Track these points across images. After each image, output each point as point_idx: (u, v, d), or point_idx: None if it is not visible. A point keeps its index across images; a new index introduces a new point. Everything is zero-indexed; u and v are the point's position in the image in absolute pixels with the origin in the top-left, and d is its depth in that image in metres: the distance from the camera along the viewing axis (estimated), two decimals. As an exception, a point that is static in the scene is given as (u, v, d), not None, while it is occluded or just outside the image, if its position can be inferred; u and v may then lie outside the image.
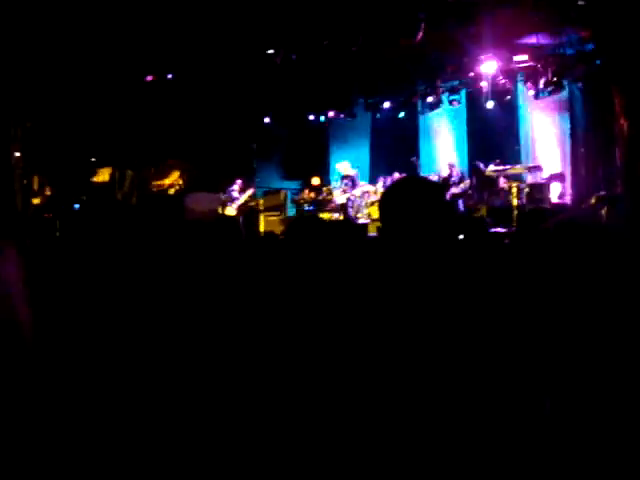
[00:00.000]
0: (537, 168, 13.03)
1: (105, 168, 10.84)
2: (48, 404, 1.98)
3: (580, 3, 9.13)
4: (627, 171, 8.82)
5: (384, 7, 10.25)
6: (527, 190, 12.25)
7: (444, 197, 2.20)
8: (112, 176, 10.69)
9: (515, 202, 12.03)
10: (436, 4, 10.24)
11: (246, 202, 12.63)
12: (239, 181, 13.12)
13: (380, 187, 12.87)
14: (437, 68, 12.81)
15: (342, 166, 13.59)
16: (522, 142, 13.72)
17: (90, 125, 10.76)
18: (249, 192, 12.79)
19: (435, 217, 2.03)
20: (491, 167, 12.76)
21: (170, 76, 11.12)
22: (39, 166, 10.06)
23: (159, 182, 12.13)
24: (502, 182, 12.67)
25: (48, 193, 10.05)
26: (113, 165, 10.88)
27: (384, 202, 2.11)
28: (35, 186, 9.98)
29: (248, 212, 12.45)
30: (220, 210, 12.51)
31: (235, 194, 12.86)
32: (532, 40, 11.49)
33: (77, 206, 9.11)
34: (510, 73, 12.56)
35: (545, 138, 13.49)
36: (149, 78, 10.88)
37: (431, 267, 1.99)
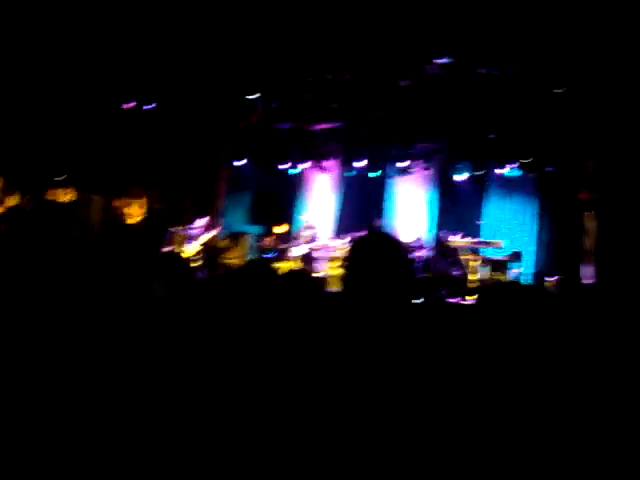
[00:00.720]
0: (497, 244, 13.27)
1: (69, 189, 10.62)
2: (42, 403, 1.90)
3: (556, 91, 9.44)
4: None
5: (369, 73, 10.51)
6: (487, 265, 12.45)
7: (406, 255, 2.32)
8: (76, 198, 10.47)
9: (473, 276, 12.20)
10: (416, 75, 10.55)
11: (208, 243, 12.49)
12: (204, 219, 12.99)
13: (341, 244, 12.89)
14: (412, 135, 13.05)
15: (307, 217, 13.62)
16: (486, 217, 13.97)
17: (56, 144, 10.63)
18: (213, 232, 12.67)
19: (395, 270, 2.12)
20: (455, 238, 12.95)
21: (149, 106, 11.11)
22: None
23: (123, 210, 11.91)
24: (462, 253, 12.85)
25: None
26: (77, 187, 10.67)
27: (351, 252, 2.23)
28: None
29: (210, 252, 12.31)
30: (178, 248, 12.36)
31: (196, 232, 12.70)
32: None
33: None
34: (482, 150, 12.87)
35: (509, 217, 13.77)
36: (129, 105, 10.87)
37: (385, 322, 2.03)
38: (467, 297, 11.05)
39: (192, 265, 11.78)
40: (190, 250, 12.35)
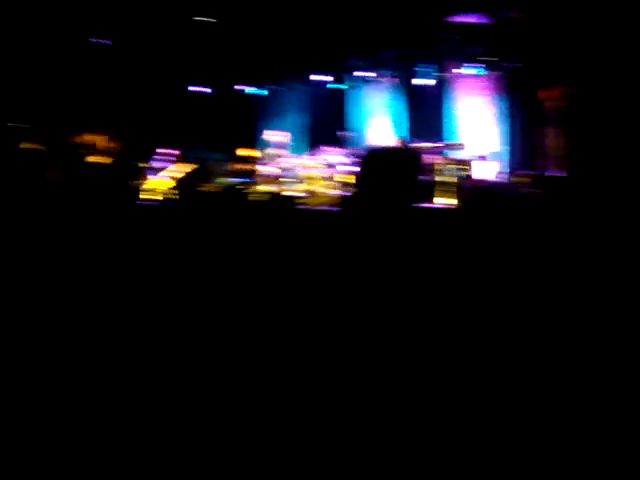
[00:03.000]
0: (459, 146, 13.39)
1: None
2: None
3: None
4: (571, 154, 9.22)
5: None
6: (450, 166, 12.58)
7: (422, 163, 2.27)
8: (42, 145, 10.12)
9: (439, 178, 12.36)
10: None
11: (177, 174, 12.29)
12: (167, 151, 12.72)
13: (317, 161, 12.81)
14: (370, 43, 12.85)
15: (274, 135, 13.41)
16: (449, 121, 14.03)
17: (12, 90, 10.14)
18: (181, 165, 12.49)
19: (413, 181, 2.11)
20: (417, 143, 13.01)
21: (108, 42, 10.62)
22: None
23: (88, 149, 11.60)
24: (427, 158, 12.94)
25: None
26: (40, 132, 10.30)
27: (366, 165, 2.16)
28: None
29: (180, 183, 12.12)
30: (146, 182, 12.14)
31: (164, 164, 12.48)
32: (466, 19, 11.75)
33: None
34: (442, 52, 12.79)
35: (473, 118, 13.86)
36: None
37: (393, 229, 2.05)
38: (436, 201, 11.13)
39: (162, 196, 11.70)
40: (161, 183, 12.15)
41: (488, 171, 12.89)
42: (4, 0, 8.72)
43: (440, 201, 11.12)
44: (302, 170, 12.77)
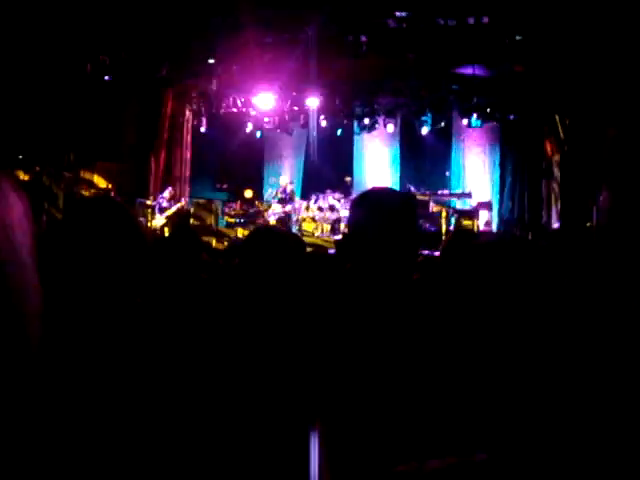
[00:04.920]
0: (467, 195, 13.38)
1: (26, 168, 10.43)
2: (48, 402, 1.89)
3: (517, 38, 9.45)
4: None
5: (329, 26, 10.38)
6: (456, 216, 12.55)
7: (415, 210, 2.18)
8: (37, 175, 10.30)
9: (444, 227, 12.32)
10: (377, 29, 10.45)
11: (175, 213, 12.38)
12: (169, 189, 12.86)
13: (312, 204, 12.89)
14: (375, 91, 13.01)
15: (283, 179, 13.53)
16: (453, 169, 14.07)
17: (14, 122, 10.38)
18: (180, 204, 12.58)
19: (407, 229, 2.00)
20: (422, 191, 13.03)
21: (107, 78, 10.87)
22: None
23: (88, 186, 11.79)
24: (432, 207, 12.93)
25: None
26: (38, 165, 10.48)
27: (354, 209, 2.08)
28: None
29: (179, 221, 12.19)
30: (148, 220, 12.25)
31: (164, 203, 12.60)
32: (467, 70, 11.84)
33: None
34: (444, 102, 12.89)
35: (475, 167, 13.88)
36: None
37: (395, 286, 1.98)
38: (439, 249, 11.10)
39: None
40: (157, 222, 12.24)
41: (490, 220, 12.85)
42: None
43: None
44: (302, 212, 12.86)
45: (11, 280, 0.99)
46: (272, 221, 12.65)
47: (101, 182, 12.18)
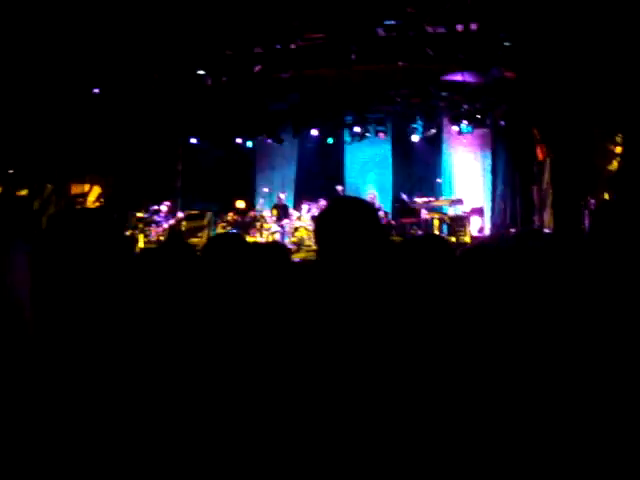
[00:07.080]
0: (458, 201, 13.38)
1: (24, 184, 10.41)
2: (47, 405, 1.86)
3: (506, 44, 9.48)
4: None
5: (316, 36, 10.41)
6: (448, 222, 12.55)
7: (379, 218, 2.22)
8: (31, 189, 10.28)
9: (437, 234, 12.30)
10: (366, 38, 10.47)
11: (171, 226, 12.38)
12: (167, 204, 12.85)
13: (305, 213, 12.88)
14: (365, 99, 13.02)
15: (284, 196, 13.69)
16: (444, 176, 14.09)
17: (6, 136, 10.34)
18: (178, 217, 12.62)
19: (372, 237, 2.04)
20: (414, 199, 13.04)
21: (97, 90, 10.84)
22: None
23: (80, 198, 11.75)
24: (424, 214, 12.93)
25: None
26: (31, 178, 10.45)
27: (321, 222, 2.09)
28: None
29: (172, 234, 12.17)
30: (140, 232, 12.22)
31: (159, 218, 12.59)
32: (457, 77, 11.87)
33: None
34: (435, 109, 12.94)
35: (466, 173, 13.91)
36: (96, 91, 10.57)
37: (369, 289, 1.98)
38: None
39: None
40: (153, 235, 12.23)
41: (482, 226, 12.87)
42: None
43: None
44: (293, 222, 12.85)
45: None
46: (266, 236, 12.66)
47: (92, 195, 12.16)
